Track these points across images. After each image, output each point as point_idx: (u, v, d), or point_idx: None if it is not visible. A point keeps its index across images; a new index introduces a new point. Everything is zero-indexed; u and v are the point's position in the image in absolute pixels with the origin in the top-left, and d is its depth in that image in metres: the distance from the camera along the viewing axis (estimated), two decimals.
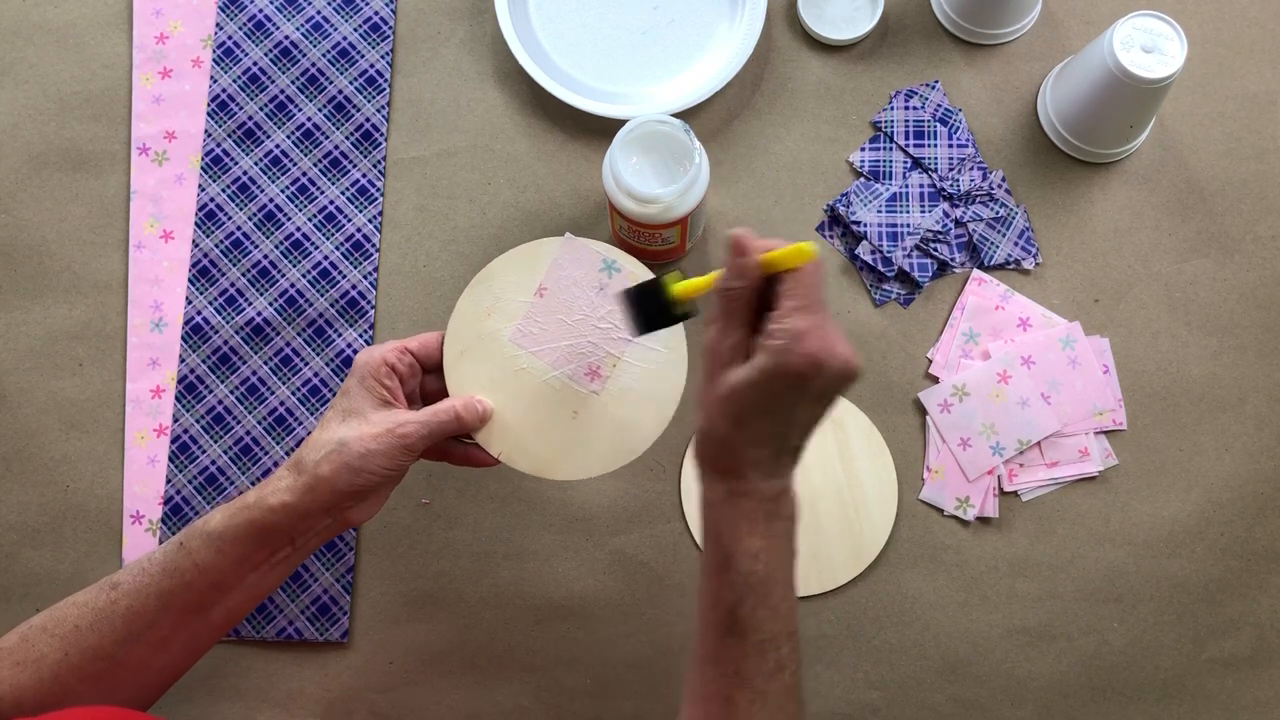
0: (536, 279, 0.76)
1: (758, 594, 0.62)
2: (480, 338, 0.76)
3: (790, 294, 0.61)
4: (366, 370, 0.73)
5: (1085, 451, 0.90)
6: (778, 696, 0.63)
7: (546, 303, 0.76)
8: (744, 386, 0.61)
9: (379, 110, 0.96)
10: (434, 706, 0.88)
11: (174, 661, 0.73)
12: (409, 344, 0.75)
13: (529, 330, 0.76)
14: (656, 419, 0.76)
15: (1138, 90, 0.85)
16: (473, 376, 0.76)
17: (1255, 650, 0.88)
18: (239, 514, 0.71)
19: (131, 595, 0.71)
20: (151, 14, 0.98)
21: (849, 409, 0.91)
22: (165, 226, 0.95)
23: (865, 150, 0.95)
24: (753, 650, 0.63)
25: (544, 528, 0.90)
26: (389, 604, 0.89)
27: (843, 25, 0.97)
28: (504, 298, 0.76)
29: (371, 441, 0.71)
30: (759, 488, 0.63)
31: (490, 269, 0.77)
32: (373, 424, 0.71)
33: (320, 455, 0.71)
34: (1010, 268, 0.93)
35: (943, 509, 0.90)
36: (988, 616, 0.88)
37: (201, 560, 0.71)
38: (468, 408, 0.74)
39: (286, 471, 0.72)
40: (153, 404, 0.92)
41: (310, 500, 0.70)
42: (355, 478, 0.70)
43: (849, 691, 0.88)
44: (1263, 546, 0.89)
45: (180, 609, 0.71)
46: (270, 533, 0.71)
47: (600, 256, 0.76)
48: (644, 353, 0.76)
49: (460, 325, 0.76)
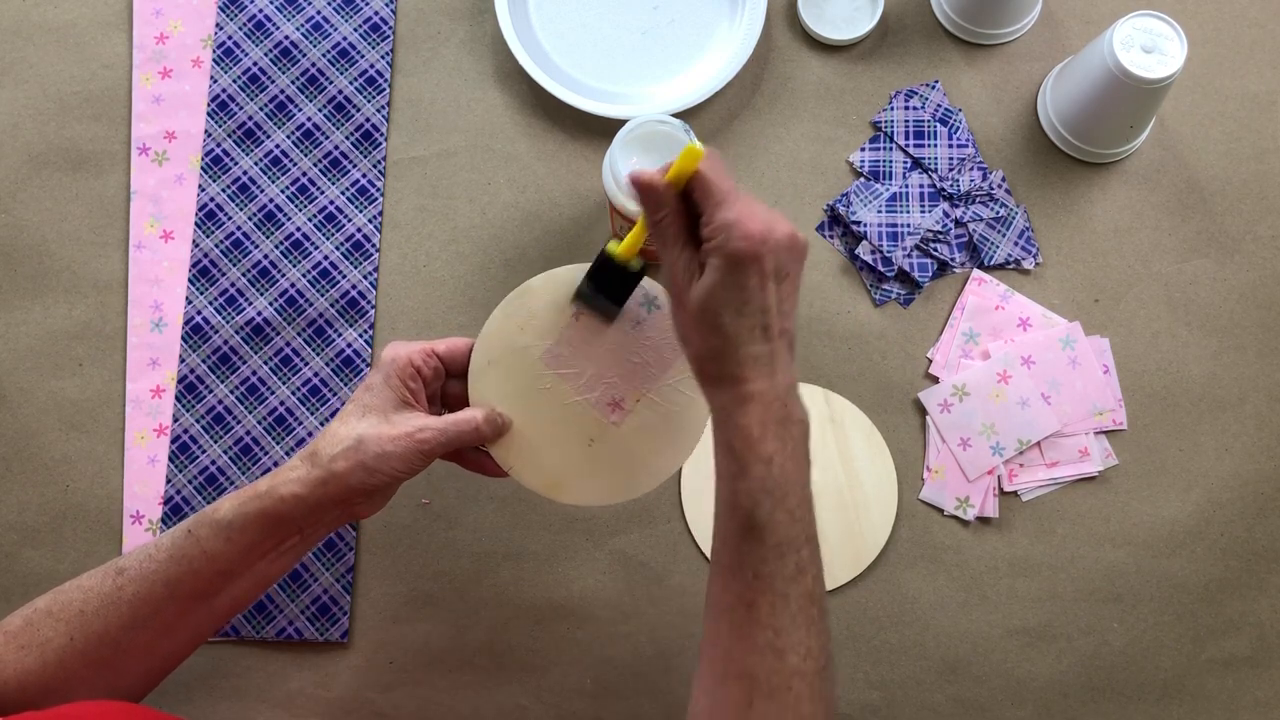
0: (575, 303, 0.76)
1: (774, 497, 0.63)
2: (510, 351, 0.76)
3: (704, 197, 0.64)
4: (392, 369, 0.73)
5: (1085, 451, 0.90)
6: (799, 600, 0.63)
7: (581, 328, 0.75)
8: (707, 293, 0.63)
9: (379, 110, 0.96)
10: (434, 706, 0.88)
11: (178, 648, 0.73)
12: (436, 346, 0.75)
13: (560, 352, 0.75)
14: (670, 459, 0.76)
15: (1138, 90, 0.85)
16: (496, 388, 0.75)
17: (1255, 650, 0.88)
18: (249, 503, 0.71)
19: (138, 581, 0.71)
20: (151, 14, 0.98)
21: (849, 409, 0.91)
22: (165, 226, 0.95)
23: (865, 150, 0.95)
24: (771, 554, 0.63)
25: (544, 528, 0.90)
26: (389, 604, 0.89)
27: (843, 25, 0.97)
28: (539, 315, 0.76)
29: (389, 443, 0.70)
30: (763, 389, 0.63)
31: (530, 285, 0.76)
32: (393, 425, 0.71)
33: (337, 450, 0.71)
34: (1010, 268, 0.93)
35: (943, 509, 0.90)
36: (988, 616, 0.88)
37: (210, 548, 0.71)
38: (489, 421, 0.73)
39: (300, 462, 0.72)
40: (153, 404, 0.92)
41: (322, 493, 0.70)
42: (369, 477, 0.70)
43: (849, 691, 0.88)
44: (1263, 546, 0.89)
45: (187, 596, 0.71)
46: (280, 522, 0.71)
47: (643, 291, 0.75)
48: (670, 394, 0.76)
49: (491, 336, 0.76)
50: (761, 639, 0.62)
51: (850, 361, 0.92)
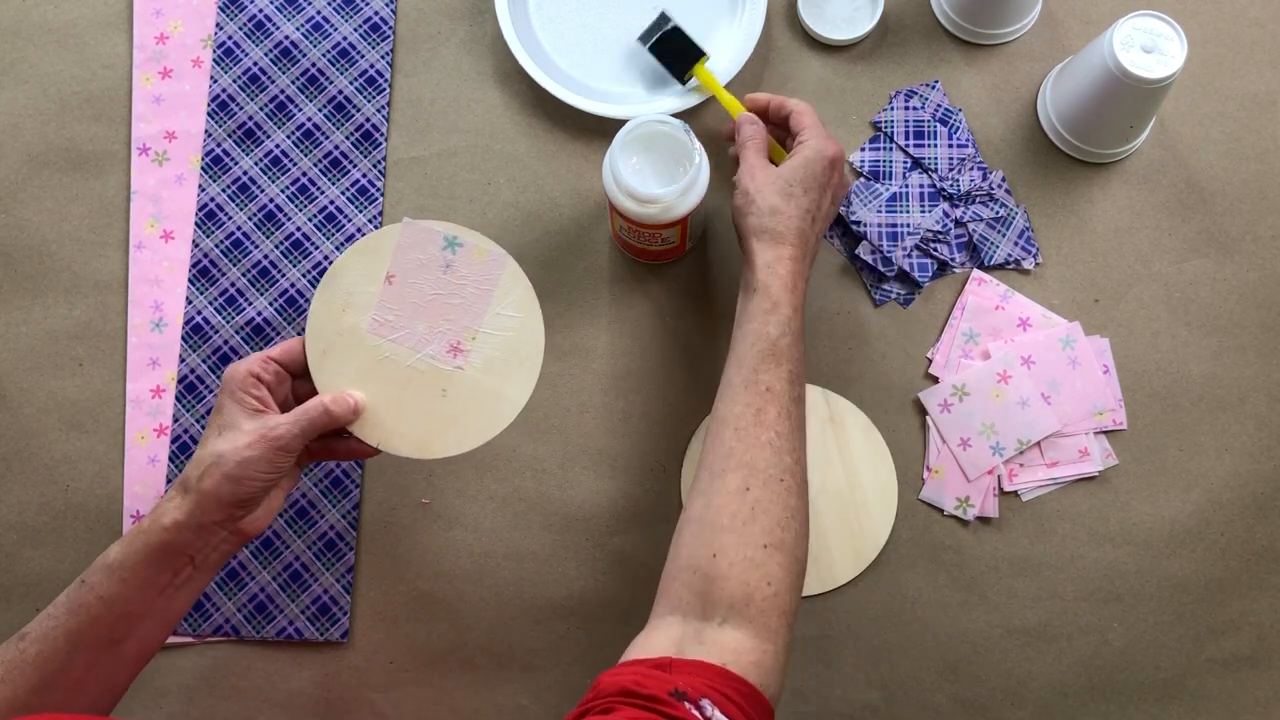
0: (383, 268, 0.77)
1: (793, 334, 0.77)
2: (339, 334, 0.77)
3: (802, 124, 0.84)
4: (234, 384, 0.74)
5: (1085, 451, 0.90)
6: (798, 420, 0.76)
7: (397, 289, 0.77)
8: (793, 168, 0.81)
9: (379, 110, 0.96)
10: (434, 706, 0.88)
11: (92, 703, 0.72)
12: (272, 353, 0.77)
13: (385, 319, 0.77)
14: (525, 381, 0.78)
15: (1138, 90, 0.85)
16: (339, 373, 0.77)
17: (1255, 650, 0.88)
18: (135, 540, 0.72)
19: (40, 641, 0.71)
20: (151, 14, 0.98)
21: (849, 409, 0.91)
22: (165, 226, 0.95)
23: (865, 150, 0.95)
24: (785, 375, 0.75)
25: (544, 528, 0.90)
26: (389, 604, 0.89)
27: (843, 25, 0.97)
28: (355, 291, 0.78)
29: (246, 450, 0.72)
30: (798, 255, 0.79)
31: (337, 266, 0.78)
32: (246, 433, 0.72)
33: (200, 471, 0.72)
34: (1010, 268, 0.93)
35: (943, 509, 0.90)
36: (988, 616, 0.88)
37: (105, 592, 0.71)
38: (336, 401, 0.75)
39: (175, 492, 0.73)
40: (153, 404, 0.92)
41: (200, 515, 0.71)
42: (237, 487, 0.71)
43: (849, 691, 0.88)
44: (1263, 546, 0.89)
45: (91, 646, 0.71)
46: (168, 553, 0.72)
47: (440, 235, 0.77)
48: (500, 321, 0.78)
49: (318, 325, 0.78)
50: (764, 437, 0.73)
51: (850, 361, 0.92)
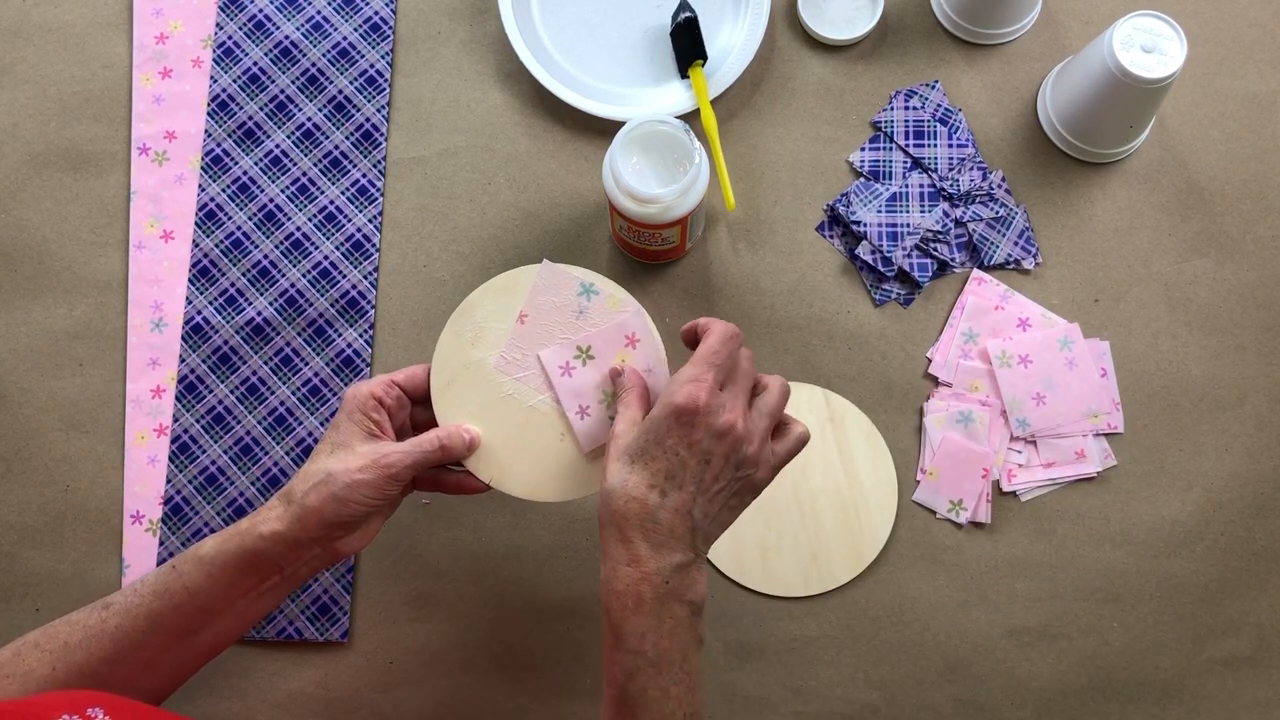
0: (517, 306, 0.77)
1: (647, 673, 0.64)
2: (465, 367, 0.77)
3: (694, 358, 0.69)
4: (354, 405, 0.75)
5: (1082, 453, 0.90)
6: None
7: (528, 329, 0.77)
8: (641, 428, 0.68)
9: (379, 110, 0.96)
10: (434, 706, 0.88)
11: (158, 685, 0.73)
12: (396, 377, 0.77)
13: (513, 357, 0.77)
14: None
15: (1138, 90, 0.85)
16: (460, 405, 0.77)
17: (1255, 650, 0.88)
18: (230, 540, 0.72)
19: (121, 615, 0.72)
20: (151, 14, 0.98)
21: (849, 409, 0.91)
22: (165, 226, 0.95)
23: (865, 150, 0.95)
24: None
25: (544, 528, 0.90)
26: (389, 604, 0.89)
27: (843, 25, 0.97)
28: (486, 326, 0.77)
29: (357, 473, 0.72)
30: (647, 559, 0.65)
31: (471, 300, 0.78)
32: (359, 456, 0.73)
33: (308, 486, 0.72)
34: (1010, 268, 0.93)
35: (936, 511, 0.90)
36: (988, 616, 0.88)
37: (191, 583, 0.72)
38: (451, 436, 0.75)
39: (278, 501, 0.73)
40: (153, 404, 0.92)
41: (299, 530, 0.72)
42: (342, 508, 0.72)
43: (849, 691, 0.88)
44: (1263, 546, 0.89)
45: (167, 631, 0.72)
46: (260, 560, 0.72)
47: (577, 281, 0.77)
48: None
49: (445, 356, 0.77)
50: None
51: (850, 361, 0.92)
